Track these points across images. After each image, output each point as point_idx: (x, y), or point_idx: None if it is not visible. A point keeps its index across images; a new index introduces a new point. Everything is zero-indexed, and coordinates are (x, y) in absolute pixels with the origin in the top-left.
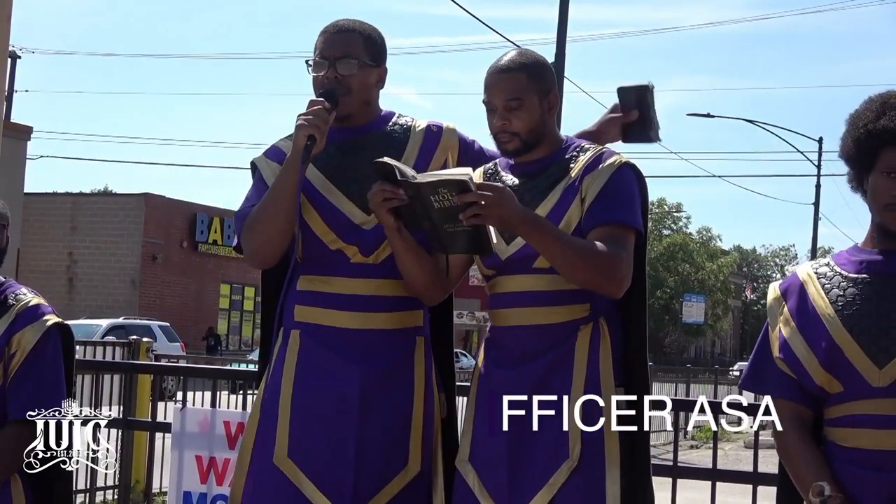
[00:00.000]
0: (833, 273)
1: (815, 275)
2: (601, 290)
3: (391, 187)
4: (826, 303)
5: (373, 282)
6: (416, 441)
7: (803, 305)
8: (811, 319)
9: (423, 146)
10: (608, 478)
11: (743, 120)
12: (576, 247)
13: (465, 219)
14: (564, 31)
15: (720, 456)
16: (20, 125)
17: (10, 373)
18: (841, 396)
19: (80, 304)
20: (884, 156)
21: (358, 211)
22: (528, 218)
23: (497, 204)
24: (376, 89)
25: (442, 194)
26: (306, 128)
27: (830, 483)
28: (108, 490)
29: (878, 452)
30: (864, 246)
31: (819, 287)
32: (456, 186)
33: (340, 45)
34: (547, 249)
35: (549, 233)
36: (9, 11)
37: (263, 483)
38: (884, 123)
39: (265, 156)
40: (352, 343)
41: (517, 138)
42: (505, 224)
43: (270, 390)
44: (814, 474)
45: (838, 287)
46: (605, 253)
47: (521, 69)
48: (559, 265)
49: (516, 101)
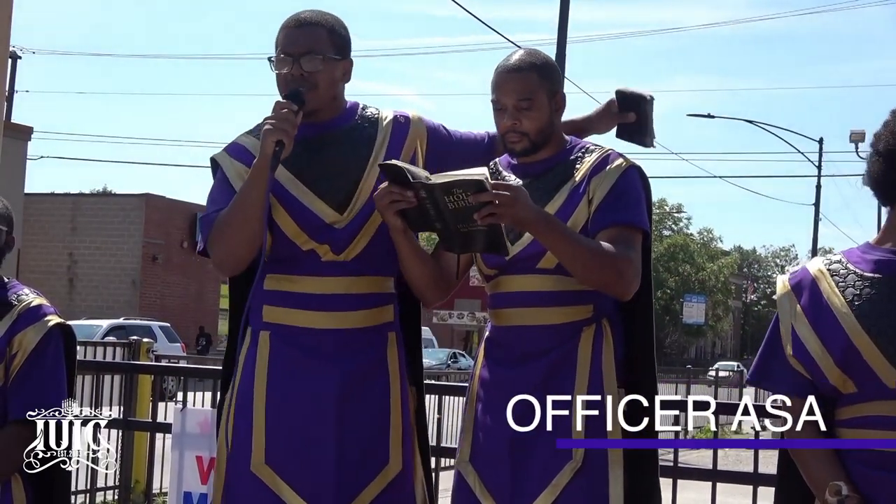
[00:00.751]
0: (847, 271)
1: (829, 271)
2: (611, 291)
3: (399, 189)
4: (842, 301)
5: (344, 280)
6: (396, 438)
7: (817, 302)
8: (826, 318)
9: (392, 138)
10: (611, 478)
11: (743, 120)
12: (587, 247)
13: (480, 218)
14: (565, 32)
15: (720, 456)
16: (20, 125)
17: (11, 373)
18: (854, 397)
19: (81, 304)
20: None
21: (329, 210)
22: (542, 217)
23: (512, 203)
24: (342, 83)
25: (456, 194)
26: (274, 132)
27: (846, 483)
28: (109, 490)
29: (892, 454)
30: (876, 244)
31: (833, 284)
32: (472, 186)
33: (304, 41)
34: (559, 249)
35: (561, 232)
36: (9, 12)
37: (242, 491)
38: None
39: (228, 154)
40: (324, 343)
41: (526, 138)
42: (519, 223)
43: (242, 395)
44: (829, 474)
45: (853, 286)
46: (615, 254)
47: (531, 69)
48: (570, 265)
49: (527, 101)
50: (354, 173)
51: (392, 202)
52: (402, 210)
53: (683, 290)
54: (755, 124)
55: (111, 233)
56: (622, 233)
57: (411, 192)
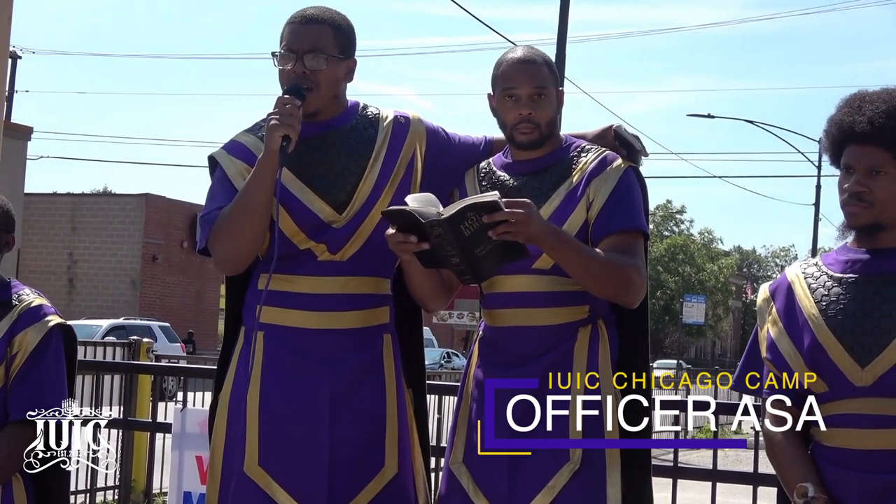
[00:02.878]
0: (820, 273)
1: (803, 275)
2: (621, 301)
3: (404, 237)
4: (811, 302)
5: (339, 279)
6: (392, 441)
7: (790, 306)
8: (797, 319)
9: (392, 139)
10: (609, 479)
11: (743, 120)
12: (597, 259)
13: (496, 235)
14: (564, 32)
15: (720, 456)
16: (20, 125)
17: (11, 373)
18: (826, 396)
19: (81, 304)
20: (843, 153)
21: (329, 209)
22: (553, 232)
23: (526, 220)
24: (344, 82)
25: (470, 218)
26: (280, 127)
27: (815, 484)
28: (108, 490)
29: (862, 452)
30: (851, 246)
31: (805, 287)
32: (486, 209)
33: (309, 38)
34: (569, 262)
35: (572, 246)
36: (9, 12)
37: (236, 493)
38: (837, 120)
39: (227, 152)
40: (319, 344)
41: (538, 130)
42: (532, 239)
43: (235, 395)
44: (799, 475)
45: (823, 287)
46: (624, 264)
47: (543, 62)
48: (581, 278)
49: (543, 90)
50: (354, 173)
51: (403, 249)
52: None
53: (683, 291)
54: (755, 124)
55: (111, 233)
56: (625, 239)
57: (415, 238)
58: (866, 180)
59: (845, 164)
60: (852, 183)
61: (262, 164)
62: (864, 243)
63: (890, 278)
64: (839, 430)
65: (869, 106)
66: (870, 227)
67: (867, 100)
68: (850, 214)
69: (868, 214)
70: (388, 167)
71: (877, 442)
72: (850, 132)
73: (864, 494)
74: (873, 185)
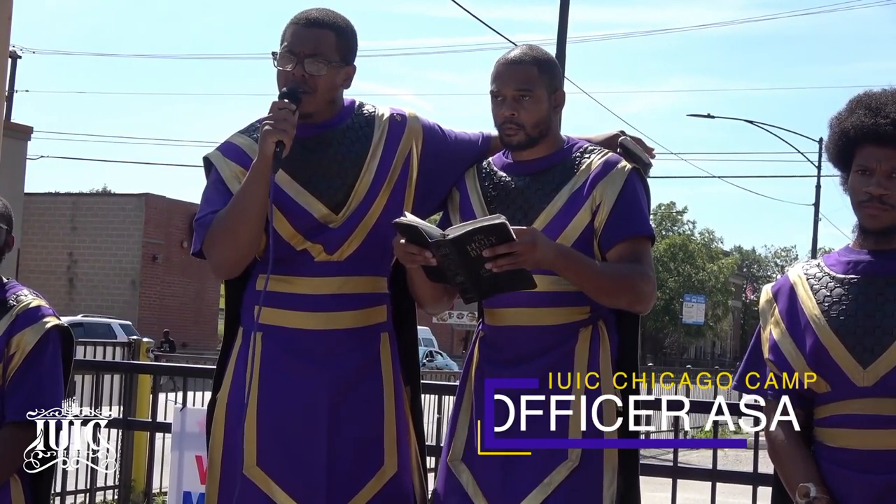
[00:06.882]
0: (822, 274)
1: (805, 276)
2: (633, 309)
3: (416, 249)
4: (813, 303)
5: (336, 280)
6: (391, 441)
7: (793, 307)
8: (799, 320)
9: (388, 136)
10: (605, 479)
11: (743, 120)
12: (607, 274)
13: (495, 268)
14: (564, 32)
15: (720, 456)
16: (20, 125)
17: (9, 374)
18: (828, 396)
19: (80, 304)
20: (857, 154)
21: (325, 209)
22: (561, 253)
23: (532, 249)
24: (343, 88)
25: (478, 240)
26: (274, 133)
27: (817, 484)
28: (108, 490)
29: (864, 452)
30: (853, 247)
31: (808, 288)
32: (493, 231)
33: (311, 42)
34: (580, 280)
35: (582, 265)
36: (9, 12)
37: (235, 493)
38: (854, 122)
39: (223, 154)
40: (317, 345)
41: (522, 131)
42: (539, 265)
43: (234, 396)
44: (801, 475)
45: (826, 287)
46: (634, 273)
47: (533, 62)
48: (594, 293)
49: (526, 91)
50: (351, 172)
51: (411, 261)
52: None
53: (683, 291)
54: (755, 124)
55: (111, 233)
56: (634, 246)
57: (429, 253)
58: (888, 183)
59: (862, 165)
60: (874, 185)
61: (256, 169)
62: (872, 245)
63: (892, 279)
64: (841, 431)
65: (891, 108)
66: (888, 230)
67: (884, 101)
68: (870, 217)
69: (888, 217)
70: (385, 165)
71: (878, 442)
72: (872, 134)
73: (866, 495)
74: (894, 188)
